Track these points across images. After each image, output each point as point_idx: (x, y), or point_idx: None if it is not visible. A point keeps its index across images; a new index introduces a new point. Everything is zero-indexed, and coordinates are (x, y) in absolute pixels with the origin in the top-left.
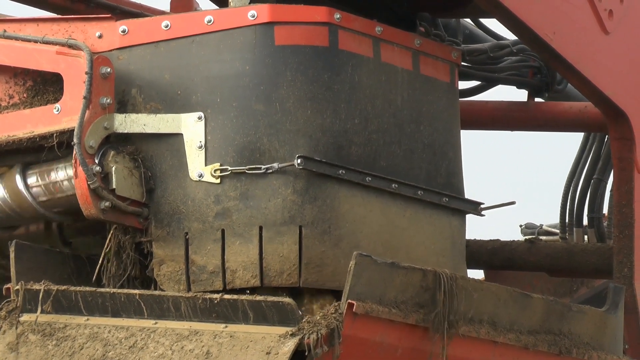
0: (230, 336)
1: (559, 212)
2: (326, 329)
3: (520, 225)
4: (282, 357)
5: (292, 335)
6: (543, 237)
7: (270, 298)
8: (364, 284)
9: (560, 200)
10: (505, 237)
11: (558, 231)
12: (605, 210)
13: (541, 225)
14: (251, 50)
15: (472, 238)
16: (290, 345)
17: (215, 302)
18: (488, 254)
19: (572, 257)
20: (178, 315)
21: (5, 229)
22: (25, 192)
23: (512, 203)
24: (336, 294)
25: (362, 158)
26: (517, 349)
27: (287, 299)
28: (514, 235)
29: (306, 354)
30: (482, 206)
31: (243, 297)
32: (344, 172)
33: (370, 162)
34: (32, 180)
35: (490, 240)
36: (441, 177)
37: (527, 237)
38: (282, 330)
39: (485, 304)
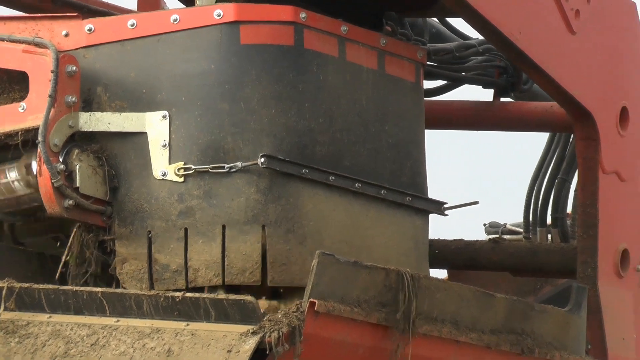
0: (192, 334)
1: (522, 211)
2: (287, 327)
3: (484, 224)
4: (242, 356)
5: (254, 333)
6: (507, 236)
7: (232, 296)
8: (326, 283)
9: (524, 200)
10: (469, 236)
11: (522, 230)
12: (569, 210)
13: (505, 224)
14: (217, 49)
15: (436, 237)
16: (251, 343)
17: (177, 300)
18: (452, 254)
19: (536, 256)
20: (140, 313)
21: (15, 216)
22: None
23: (475, 203)
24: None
25: (326, 157)
26: (479, 348)
27: (249, 297)
28: (478, 234)
29: (267, 352)
30: (445, 206)
31: (205, 295)
32: (307, 171)
33: (334, 161)
34: None
35: (454, 239)
36: (405, 176)
37: (490, 235)
38: (243, 328)
39: (448, 304)
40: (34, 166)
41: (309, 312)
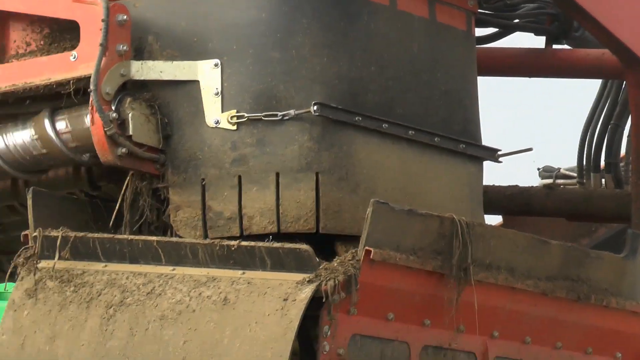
0: (248, 283)
1: (576, 157)
2: (343, 276)
3: (538, 169)
4: (299, 304)
5: (310, 282)
6: (560, 181)
7: (288, 245)
8: (381, 231)
9: (578, 146)
10: (523, 181)
11: (576, 175)
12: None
13: (559, 169)
14: None
15: (491, 184)
16: (307, 291)
17: (233, 248)
18: (506, 200)
19: (590, 202)
20: (196, 261)
21: (33, 173)
22: (54, 137)
23: (529, 149)
24: (355, 240)
25: (378, 105)
26: (535, 295)
27: (305, 246)
28: (533, 179)
29: (323, 300)
30: (499, 153)
31: (260, 243)
32: (360, 119)
33: (386, 109)
34: (61, 125)
35: (509, 186)
36: (458, 124)
37: (545, 180)
38: (299, 276)
39: (503, 251)
40: None
41: (365, 260)
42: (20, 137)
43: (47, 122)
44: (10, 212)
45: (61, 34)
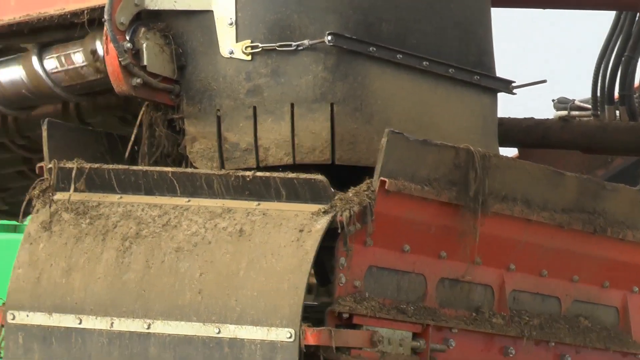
0: (263, 214)
1: (590, 89)
2: (359, 206)
3: (553, 100)
4: (315, 235)
5: (325, 212)
6: (575, 113)
7: (303, 175)
8: (396, 162)
9: (592, 78)
10: (538, 113)
11: (590, 107)
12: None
13: (573, 101)
14: None
15: (507, 116)
16: (323, 222)
17: (248, 179)
18: (522, 132)
19: (605, 135)
20: (211, 193)
21: (22, 109)
22: (43, 76)
23: (543, 81)
24: (370, 171)
25: (392, 36)
26: (552, 227)
27: (320, 176)
28: (547, 112)
29: (339, 231)
30: (513, 84)
31: (275, 174)
32: (374, 49)
33: (400, 40)
34: (50, 63)
35: (525, 118)
36: (472, 55)
37: (559, 112)
38: (314, 207)
39: (519, 182)
40: (100, 49)
41: (380, 190)
42: (8, 73)
43: (35, 60)
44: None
45: None
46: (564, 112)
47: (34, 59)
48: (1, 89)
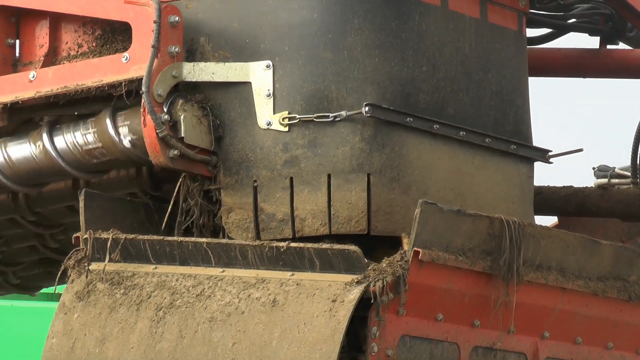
0: (297, 284)
1: (629, 157)
2: (392, 277)
3: (593, 168)
4: (347, 305)
5: (358, 282)
6: (615, 180)
7: (337, 246)
8: (430, 232)
9: (632, 145)
10: (579, 180)
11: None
12: None
13: (614, 168)
14: None
15: (546, 184)
16: (356, 292)
17: (282, 250)
18: (561, 201)
19: None
20: (245, 263)
21: (95, 173)
22: (115, 138)
23: (580, 150)
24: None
25: (429, 106)
26: (586, 295)
27: (353, 247)
28: (588, 179)
29: (372, 301)
30: (550, 153)
31: (309, 245)
32: (411, 119)
33: (438, 109)
34: (122, 125)
35: (564, 186)
36: (509, 124)
37: (600, 180)
38: (348, 277)
39: (554, 251)
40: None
41: (413, 261)
42: (80, 137)
43: (108, 122)
44: (70, 212)
45: (113, 35)
46: (605, 180)
47: (45, 136)
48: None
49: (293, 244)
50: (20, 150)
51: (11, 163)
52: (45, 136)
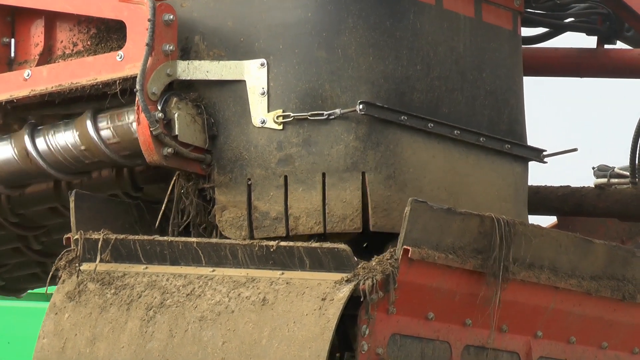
0: (287, 283)
1: (628, 156)
2: (381, 275)
3: (593, 168)
4: (337, 304)
5: (348, 281)
6: (615, 180)
7: (326, 244)
8: (420, 230)
9: (630, 146)
10: (578, 180)
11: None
12: None
13: (613, 168)
14: None
15: (543, 184)
16: (345, 291)
17: (272, 249)
18: (558, 200)
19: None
20: (235, 262)
21: (76, 174)
22: (96, 139)
23: (574, 150)
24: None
25: (424, 104)
26: (579, 294)
27: (343, 245)
28: (588, 178)
29: (362, 299)
30: (544, 153)
31: (299, 243)
32: (406, 118)
33: (432, 108)
34: (103, 126)
35: (561, 186)
36: (503, 123)
37: (599, 179)
38: (337, 276)
39: (546, 250)
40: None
41: (403, 259)
42: (62, 138)
43: (89, 124)
44: (53, 214)
45: (108, 33)
46: (604, 180)
47: (26, 138)
48: (55, 153)
49: (283, 243)
50: (2, 151)
51: None
52: (26, 138)
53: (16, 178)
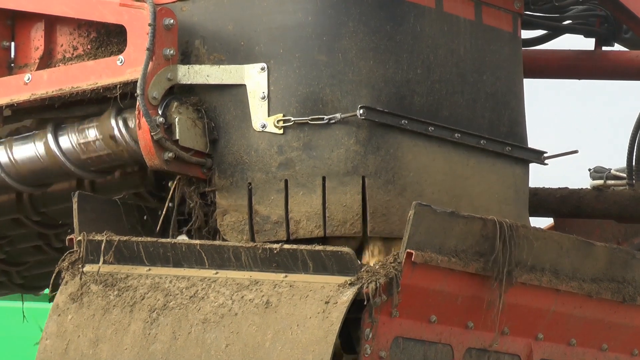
0: (290, 286)
1: (625, 158)
2: (385, 278)
3: (589, 170)
4: (340, 307)
5: (351, 284)
6: (611, 182)
7: (330, 247)
8: (423, 233)
9: (627, 147)
10: (575, 182)
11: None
12: None
13: (610, 170)
14: (314, 1)
15: (542, 186)
16: (349, 294)
17: (275, 252)
18: (557, 202)
19: (638, 204)
20: (239, 265)
21: (99, 173)
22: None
23: (575, 152)
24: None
25: (424, 108)
26: (580, 296)
27: (346, 249)
28: (585, 180)
29: (365, 303)
30: (545, 155)
31: (302, 246)
32: (406, 122)
33: (433, 112)
34: (126, 123)
35: (559, 188)
36: (504, 126)
37: (596, 181)
38: (341, 279)
39: (547, 252)
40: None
41: (406, 262)
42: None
43: (113, 122)
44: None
45: (108, 38)
46: (601, 182)
47: (49, 136)
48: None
49: (286, 246)
50: (25, 150)
51: (16, 163)
52: (50, 136)
53: (38, 176)
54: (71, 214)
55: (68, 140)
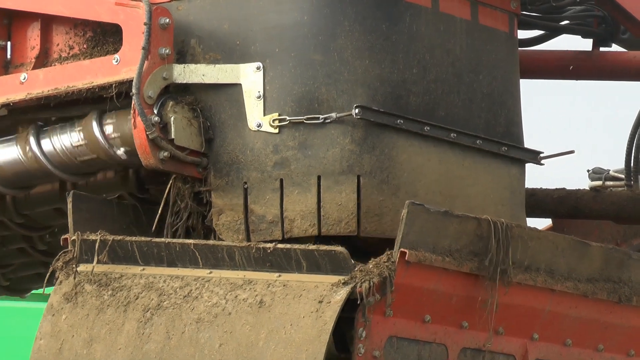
0: (284, 285)
1: (624, 159)
2: (378, 278)
3: (588, 170)
4: (334, 306)
5: (345, 283)
6: (610, 183)
7: (323, 247)
8: (416, 233)
9: (626, 149)
10: (574, 183)
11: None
12: None
13: (608, 171)
14: (309, 1)
15: (539, 187)
16: (342, 293)
17: (269, 251)
18: (554, 203)
19: (636, 205)
20: (232, 264)
21: (81, 175)
22: (102, 140)
23: (571, 152)
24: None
25: (420, 107)
26: (576, 297)
27: (340, 248)
28: (584, 181)
29: (358, 302)
30: (541, 155)
31: (296, 246)
32: (402, 121)
33: (428, 111)
34: (109, 128)
35: (557, 189)
36: (500, 126)
37: (594, 182)
38: (334, 279)
39: (542, 252)
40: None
41: (400, 262)
42: (67, 139)
43: (95, 125)
44: (58, 215)
45: (104, 37)
46: (599, 183)
47: (31, 139)
48: (60, 154)
49: (280, 245)
50: (7, 152)
51: None
52: (32, 139)
53: (21, 179)
54: (54, 217)
55: (50, 143)
